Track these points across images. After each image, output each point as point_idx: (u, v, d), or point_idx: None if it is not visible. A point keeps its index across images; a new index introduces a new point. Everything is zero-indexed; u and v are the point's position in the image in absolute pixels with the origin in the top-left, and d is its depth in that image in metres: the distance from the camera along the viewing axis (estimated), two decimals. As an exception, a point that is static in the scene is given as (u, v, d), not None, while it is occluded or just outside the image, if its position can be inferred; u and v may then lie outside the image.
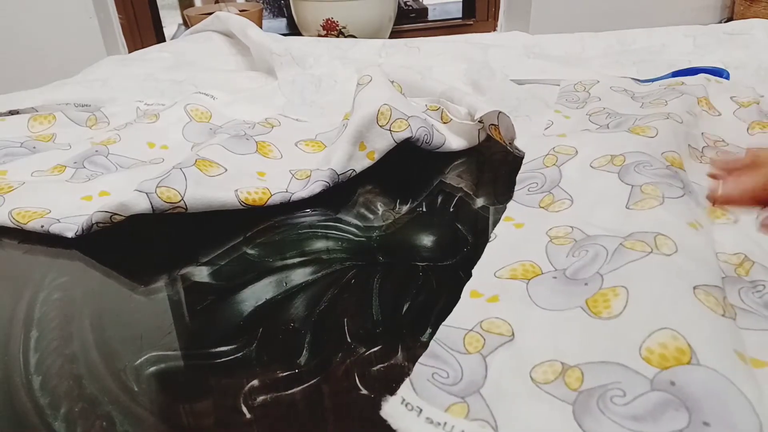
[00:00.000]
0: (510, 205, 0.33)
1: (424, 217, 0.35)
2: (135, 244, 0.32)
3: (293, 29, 1.30)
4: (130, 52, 0.80)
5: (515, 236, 0.30)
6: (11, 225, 0.33)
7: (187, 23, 1.26)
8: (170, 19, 1.51)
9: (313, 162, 0.40)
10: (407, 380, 0.22)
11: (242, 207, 0.34)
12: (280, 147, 0.41)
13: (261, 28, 0.69)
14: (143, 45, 1.10)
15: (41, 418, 0.21)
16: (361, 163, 0.39)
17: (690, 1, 1.25)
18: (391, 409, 0.21)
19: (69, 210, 0.34)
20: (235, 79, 0.59)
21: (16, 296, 0.28)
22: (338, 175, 0.37)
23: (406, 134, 0.38)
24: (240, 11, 1.23)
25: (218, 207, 0.33)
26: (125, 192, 0.31)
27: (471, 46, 0.64)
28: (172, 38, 1.34)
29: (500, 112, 0.38)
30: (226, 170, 0.35)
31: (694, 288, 0.22)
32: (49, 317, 0.27)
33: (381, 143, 0.38)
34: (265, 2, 1.57)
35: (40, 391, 0.22)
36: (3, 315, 0.27)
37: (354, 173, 0.38)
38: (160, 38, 1.30)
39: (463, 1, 1.41)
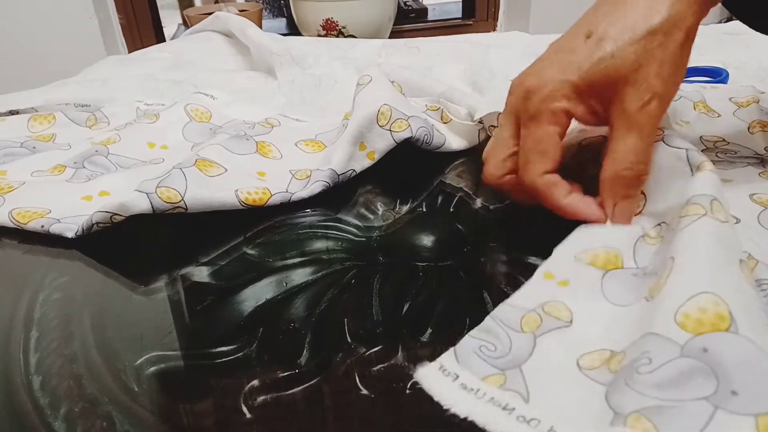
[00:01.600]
0: None
1: (424, 217, 0.35)
2: (135, 244, 0.32)
3: (293, 29, 1.30)
4: (130, 52, 0.80)
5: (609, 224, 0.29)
6: (11, 225, 0.33)
7: (186, 23, 1.26)
8: (170, 19, 1.51)
9: (313, 162, 0.40)
10: (451, 349, 0.22)
11: (242, 207, 0.34)
12: (280, 147, 0.41)
13: (261, 28, 0.69)
14: (143, 45, 1.10)
15: (41, 418, 0.21)
16: (361, 163, 0.39)
17: (690, 1, 1.25)
18: (426, 372, 0.21)
19: (69, 210, 0.34)
20: (235, 79, 0.59)
21: (16, 296, 0.28)
22: (338, 175, 0.37)
23: (406, 134, 0.38)
24: (240, 11, 1.23)
25: (218, 207, 0.33)
26: (125, 192, 0.31)
27: (471, 46, 0.64)
28: (172, 38, 1.34)
29: (500, 113, 0.38)
30: (226, 170, 0.35)
31: (740, 261, 0.22)
32: (49, 317, 0.27)
33: (381, 143, 0.38)
34: (264, 2, 1.57)
35: (40, 391, 0.22)
36: (3, 315, 0.27)
37: (354, 173, 0.38)
38: (160, 38, 1.30)
39: (462, 1, 1.41)
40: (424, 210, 0.35)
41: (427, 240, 0.32)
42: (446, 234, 0.33)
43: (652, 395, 0.18)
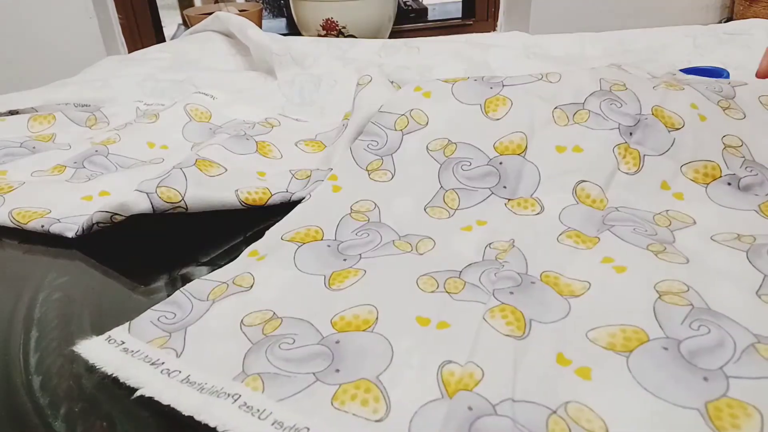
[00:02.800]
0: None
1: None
2: (135, 244, 0.32)
3: (293, 29, 1.30)
4: (130, 52, 0.80)
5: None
6: (11, 225, 0.33)
7: (186, 23, 1.26)
8: (170, 19, 1.51)
9: (313, 162, 0.40)
10: (126, 323, 0.23)
11: (242, 207, 0.34)
12: (280, 147, 0.41)
13: (261, 28, 0.69)
14: (143, 45, 1.10)
15: (41, 418, 0.21)
16: (361, 163, 0.38)
17: (690, 1, 1.25)
18: (87, 342, 0.22)
19: (69, 210, 0.34)
20: (235, 79, 0.59)
21: (16, 296, 0.28)
22: (338, 175, 0.37)
23: (406, 134, 0.38)
24: (240, 11, 1.23)
25: (218, 207, 0.33)
26: (125, 192, 0.31)
27: (471, 46, 0.64)
28: (172, 38, 1.34)
29: None
30: (226, 170, 0.35)
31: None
32: (49, 317, 0.27)
33: (381, 143, 0.38)
34: (264, 2, 1.57)
35: (40, 391, 0.22)
36: (3, 315, 0.27)
37: (354, 173, 0.38)
38: (160, 38, 1.30)
39: (462, 1, 1.41)
40: (424, 210, 0.35)
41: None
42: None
43: (277, 365, 0.21)
